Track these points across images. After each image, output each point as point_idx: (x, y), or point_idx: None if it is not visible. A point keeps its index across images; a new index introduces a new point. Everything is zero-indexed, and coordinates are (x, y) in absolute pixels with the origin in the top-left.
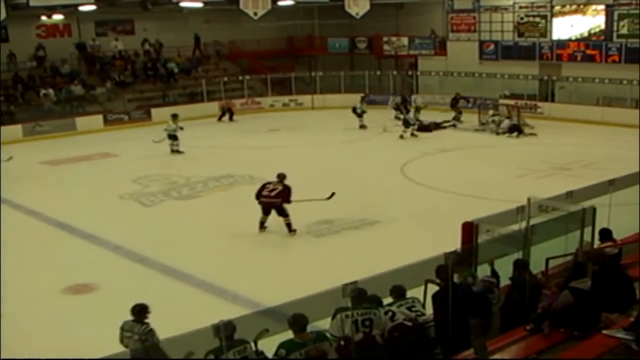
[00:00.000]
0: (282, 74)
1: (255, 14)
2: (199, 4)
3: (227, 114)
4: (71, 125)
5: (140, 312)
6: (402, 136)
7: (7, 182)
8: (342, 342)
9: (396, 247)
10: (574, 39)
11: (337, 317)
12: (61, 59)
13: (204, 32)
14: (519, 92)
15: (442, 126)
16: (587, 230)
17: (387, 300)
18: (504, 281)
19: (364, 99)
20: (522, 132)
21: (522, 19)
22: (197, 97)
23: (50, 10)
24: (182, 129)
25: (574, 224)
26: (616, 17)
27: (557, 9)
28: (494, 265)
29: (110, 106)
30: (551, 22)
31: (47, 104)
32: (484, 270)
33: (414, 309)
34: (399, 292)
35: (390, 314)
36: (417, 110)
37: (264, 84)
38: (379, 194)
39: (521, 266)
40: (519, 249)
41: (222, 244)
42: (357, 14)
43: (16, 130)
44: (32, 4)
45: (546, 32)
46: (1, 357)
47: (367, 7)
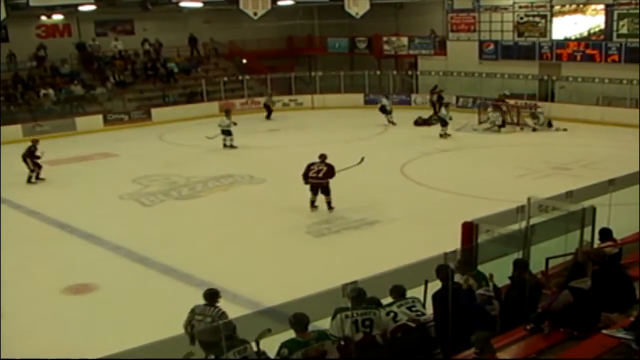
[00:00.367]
0: (282, 74)
1: (255, 14)
2: (199, 4)
3: (267, 111)
4: (71, 125)
5: (212, 296)
6: (442, 135)
7: (6, 182)
8: (342, 342)
9: (396, 247)
10: (573, 38)
11: (337, 317)
12: (61, 59)
13: (203, 32)
14: (518, 92)
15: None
16: (587, 230)
17: (387, 300)
18: (504, 282)
19: (388, 97)
20: (504, 125)
21: (521, 18)
22: (197, 97)
23: (50, 10)
24: (235, 124)
25: (574, 223)
26: (616, 17)
27: (557, 8)
28: (493, 279)
29: (110, 106)
30: (551, 21)
31: (47, 104)
32: (483, 270)
33: (414, 309)
34: (399, 292)
35: (392, 314)
36: (447, 106)
37: (264, 83)
38: (378, 194)
39: (521, 266)
40: (519, 249)
41: (222, 243)
42: (356, 14)
43: (16, 130)
44: (32, 4)
45: (546, 31)
46: (1, 357)
47: (367, 7)
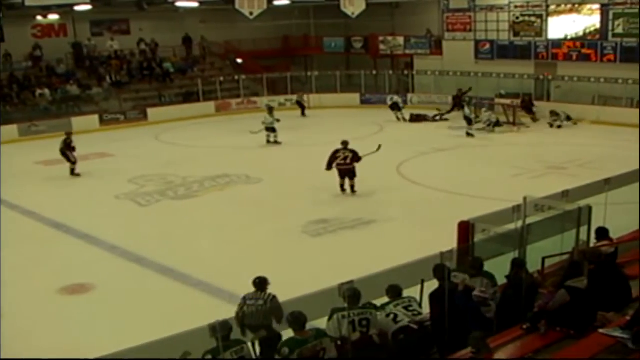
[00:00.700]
0: (278, 74)
1: (251, 14)
2: (195, 4)
3: (300, 108)
4: (67, 125)
5: (261, 283)
6: (470, 134)
7: (2, 182)
8: (339, 343)
9: (392, 246)
10: (569, 38)
11: (334, 317)
12: (57, 59)
13: (199, 32)
14: (514, 91)
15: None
16: (583, 229)
17: (384, 299)
18: (500, 280)
19: (399, 93)
20: (499, 124)
21: (517, 18)
22: (193, 97)
23: (45, 10)
24: (278, 120)
25: (570, 223)
26: (611, 17)
27: (553, 8)
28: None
29: (106, 106)
30: (547, 21)
31: (42, 103)
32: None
33: (410, 309)
34: (395, 292)
35: (392, 316)
36: (469, 105)
37: (260, 83)
38: (375, 194)
39: (518, 265)
40: (515, 248)
41: (219, 243)
42: (353, 14)
43: (12, 130)
44: (27, 3)
45: (542, 31)
46: (1, 357)
47: (363, 6)
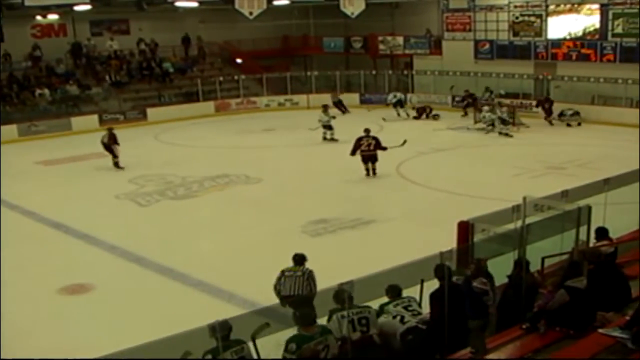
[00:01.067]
0: (278, 74)
1: (250, 14)
2: (194, 4)
3: (341, 106)
4: (67, 125)
5: (300, 259)
6: (506, 134)
7: (2, 182)
8: (339, 342)
9: (392, 246)
10: (569, 38)
11: (333, 318)
12: (56, 58)
13: (199, 32)
14: (514, 91)
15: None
16: (583, 229)
17: (383, 299)
18: (500, 280)
19: (399, 90)
20: (494, 125)
21: (517, 18)
22: (193, 97)
23: (45, 10)
24: (334, 117)
25: (570, 223)
26: (611, 17)
27: (552, 8)
28: (487, 266)
29: (105, 106)
30: (546, 21)
31: (42, 103)
32: None
33: (410, 308)
34: (394, 292)
35: (399, 317)
36: (499, 106)
37: (260, 83)
38: (374, 193)
39: (521, 265)
40: (515, 248)
41: (218, 243)
42: (352, 14)
43: (11, 130)
44: (27, 3)
45: (541, 31)
46: (1, 357)
47: (363, 6)
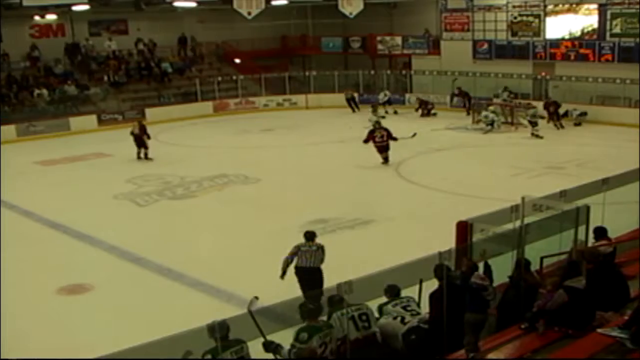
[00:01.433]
0: (277, 74)
1: (249, 14)
2: (193, 4)
3: (353, 103)
4: (65, 125)
5: (312, 235)
6: (537, 135)
7: (1, 182)
8: (338, 342)
9: (391, 246)
10: (567, 38)
11: (333, 316)
12: (55, 59)
13: (197, 32)
14: (512, 91)
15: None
16: (581, 229)
17: (382, 299)
18: (499, 277)
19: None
20: (493, 125)
21: (515, 18)
22: (191, 97)
23: (43, 10)
24: (383, 117)
25: (568, 222)
26: (609, 16)
27: (550, 8)
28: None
29: (104, 106)
30: (544, 21)
31: (40, 104)
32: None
33: (409, 308)
34: (393, 292)
35: (399, 318)
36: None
37: (258, 83)
38: (373, 193)
39: (523, 266)
40: (513, 248)
41: (217, 243)
42: (350, 14)
43: (10, 130)
44: (25, 3)
45: (539, 31)
46: (1, 357)
47: (361, 6)
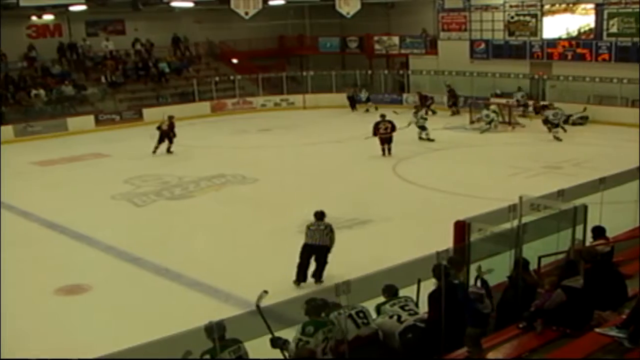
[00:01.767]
0: (274, 74)
1: (246, 14)
2: (190, 4)
3: (353, 102)
4: (62, 125)
5: (321, 215)
6: (557, 138)
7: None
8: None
9: (388, 246)
10: (564, 37)
11: (331, 316)
12: (52, 59)
13: (195, 32)
14: (510, 91)
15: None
16: (579, 228)
17: (380, 299)
18: (497, 277)
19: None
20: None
21: (512, 18)
22: (189, 97)
23: (40, 10)
24: (425, 119)
25: (566, 222)
26: (606, 16)
27: (547, 7)
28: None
29: (101, 106)
30: (541, 21)
31: (38, 104)
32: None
33: (407, 308)
34: (391, 291)
35: (395, 317)
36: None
37: (255, 83)
38: (371, 193)
39: (522, 266)
40: (511, 248)
41: (215, 243)
42: (348, 14)
43: (7, 130)
44: (22, 4)
45: (536, 31)
46: (1, 357)
47: (358, 6)
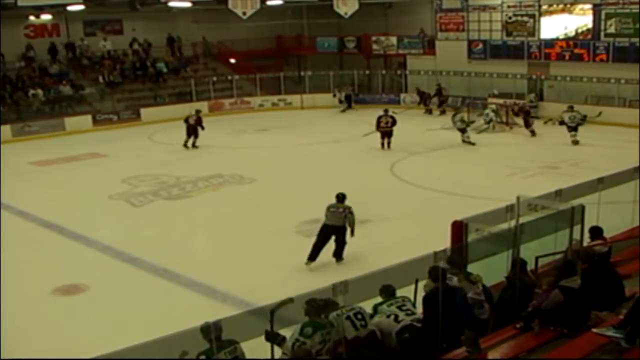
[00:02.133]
0: (272, 74)
1: (244, 14)
2: (188, 4)
3: (348, 101)
4: (60, 125)
5: (342, 197)
6: (574, 142)
7: None
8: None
9: (386, 246)
10: (561, 38)
11: (330, 318)
12: (49, 58)
13: (192, 32)
14: (507, 91)
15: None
16: (577, 228)
17: (377, 299)
18: (495, 277)
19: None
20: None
21: (510, 18)
22: (186, 97)
23: (38, 10)
24: (464, 121)
25: (563, 222)
26: (603, 16)
27: (545, 8)
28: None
29: (99, 106)
30: (539, 21)
31: (35, 104)
32: (473, 269)
33: (404, 308)
34: (388, 291)
35: (393, 316)
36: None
37: (253, 83)
38: (368, 193)
39: (519, 266)
40: (509, 248)
41: (212, 244)
42: (345, 14)
43: (5, 130)
44: (20, 3)
45: (534, 31)
46: (1, 357)
47: (356, 6)
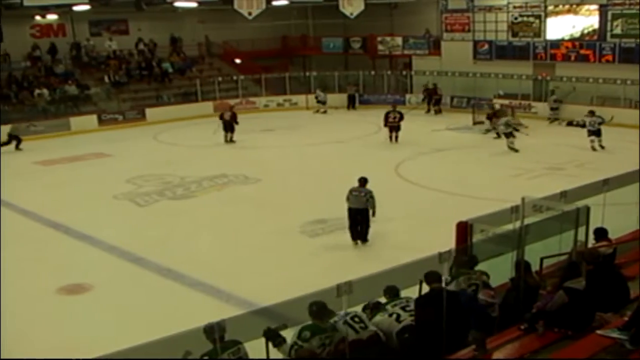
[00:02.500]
0: (277, 74)
1: (249, 14)
2: (193, 4)
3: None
4: (65, 125)
5: (364, 181)
6: (599, 146)
7: (1, 182)
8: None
9: (391, 246)
10: (567, 38)
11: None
12: (55, 58)
13: (198, 32)
14: (513, 91)
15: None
16: (581, 229)
17: (381, 300)
18: (499, 278)
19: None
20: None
21: (516, 18)
22: (192, 97)
23: (44, 10)
24: (509, 125)
25: (568, 223)
26: (610, 17)
27: (551, 8)
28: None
29: (104, 106)
30: (545, 22)
31: (41, 103)
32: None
33: (408, 309)
34: (392, 292)
35: (395, 315)
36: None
37: (258, 83)
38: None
39: (524, 268)
40: (514, 249)
41: (217, 244)
42: (351, 14)
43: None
44: (26, 3)
45: (540, 32)
46: (1, 357)
47: (362, 7)
